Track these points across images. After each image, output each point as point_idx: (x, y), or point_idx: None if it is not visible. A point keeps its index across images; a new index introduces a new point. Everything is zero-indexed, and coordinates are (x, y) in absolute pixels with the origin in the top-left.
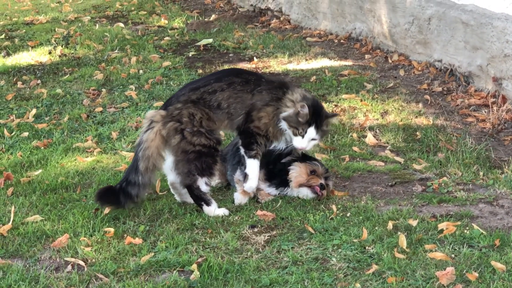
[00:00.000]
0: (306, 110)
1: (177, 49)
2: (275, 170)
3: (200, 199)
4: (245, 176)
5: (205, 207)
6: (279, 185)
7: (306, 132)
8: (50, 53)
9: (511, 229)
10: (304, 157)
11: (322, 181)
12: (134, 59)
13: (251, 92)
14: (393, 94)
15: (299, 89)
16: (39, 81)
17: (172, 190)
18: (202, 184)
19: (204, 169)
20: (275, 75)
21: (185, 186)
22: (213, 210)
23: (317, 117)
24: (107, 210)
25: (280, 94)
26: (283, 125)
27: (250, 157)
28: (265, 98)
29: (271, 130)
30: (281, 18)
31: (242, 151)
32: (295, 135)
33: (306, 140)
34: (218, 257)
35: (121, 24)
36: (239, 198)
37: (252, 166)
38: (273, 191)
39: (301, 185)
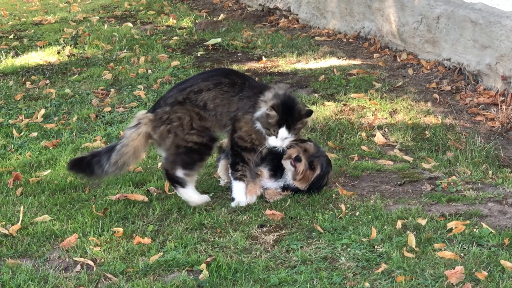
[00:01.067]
0: (273, 112)
1: (185, 49)
2: (279, 164)
3: (175, 181)
4: (233, 199)
5: (180, 189)
6: (280, 175)
7: (277, 133)
8: (58, 53)
9: None
10: (302, 141)
11: (299, 154)
12: (142, 58)
13: (236, 96)
14: (401, 93)
15: (276, 87)
16: (47, 81)
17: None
18: (180, 173)
19: (188, 163)
20: (283, 74)
21: (164, 169)
22: (190, 194)
23: (288, 116)
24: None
25: (255, 98)
26: (258, 125)
27: (235, 179)
28: (245, 106)
29: (254, 137)
30: (290, 18)
31: (229, 171)
32: (269, 135)
33: (280, 140)
34: (227, 257)
35: (130, 24)
36: (247, 198)
37: (238, 188)
38: (278, 185)
39: (285, 159)
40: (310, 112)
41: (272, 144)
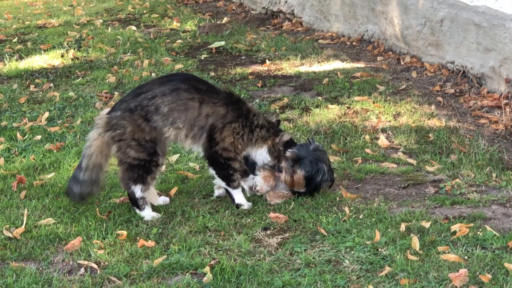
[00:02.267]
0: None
1: (189, 52)
2: None
3: (134, 203)
4: (238, 206)
5: (137, 211)
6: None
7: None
8: (62, 56)
9: None
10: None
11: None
12: (146, 62)
13: (199, 101)
14: (405, 96)
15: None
16: (51, 84)
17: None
18: (138, 190)
19: (137, 178)
20: (287, 77)
21: (123, 188)
22: (146, 214)
23: None
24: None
25: (244, 111)
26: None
27: (234, 188)
28: (225, 113)
29: (240, 147)
30: (293, 21)
31: (223, 184)
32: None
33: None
34: (230, 260)
35: (133, 27)
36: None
37: (239, 195)
38: (280, 184)
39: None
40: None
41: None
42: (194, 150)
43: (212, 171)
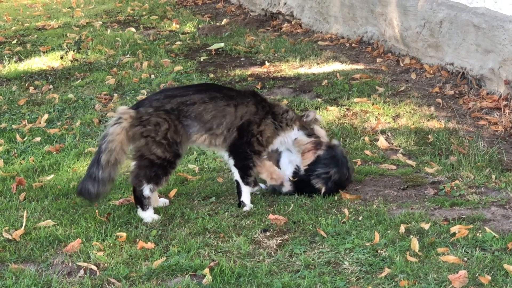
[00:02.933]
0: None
1: (188, 54)
2: None
3: (139, 202)
4: (240, 204)
5: (139, 210)
6: None
7: None
8: (61, 58)
9: None
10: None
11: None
12: (145, 63)
13: (235, 106)
14: (405, 97)
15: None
16: (51, 86)
17: None
18: (147, 189)
19: (152, 177)
20: (286, 79)
21: (131, 184)
22: (147, 215)
23: None
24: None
25: (267, 108)
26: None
27: (247, 184)
28: (258, 111)
29: (270, 141)
30: (293, 22)
31: (237, 175)
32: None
33: None
34: (230, 261)
35: (133, 29)
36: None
37: (247, 194)
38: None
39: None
40: None
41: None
42: (219, 152)
43: (231, 161)
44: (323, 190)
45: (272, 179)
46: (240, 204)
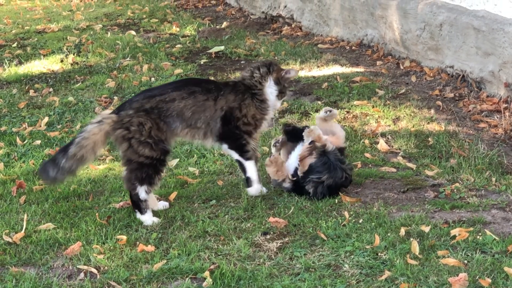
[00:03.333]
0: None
1: (188, 57)
2: None
3: (136, 206)
4: (248, 180)
5: (138, 214)
6: None
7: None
8: (62, 61)
9: None
10: None
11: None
12: (145, 66)
13: (214, 99)
14: (405, 100)
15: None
16: (51, 89)
17: None
18: (142, 191)
19: (144, 178)
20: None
21: (126, 189)
22: (147, 218)
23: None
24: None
25: (242, 87)
26: (273, 92)
27: (247, 159)
28: (235, 97)
29: (258, 117)
30: (293, 25)
31: (235, 155)
32: (280, 98)
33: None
34: (230, 264)
35: (133, 32)
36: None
37: (253, 168)
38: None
39: None
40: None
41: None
42: (211, 145)
43: (224, 145)
44: (311, 193)
45: (276, 174)
46: (248, 180)
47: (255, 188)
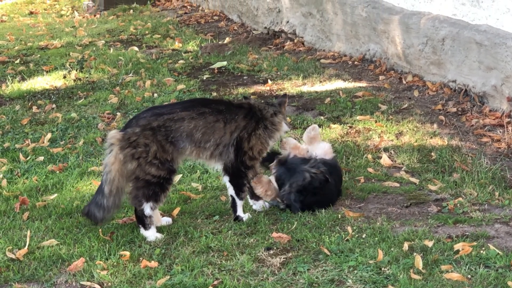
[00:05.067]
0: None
1: (191, 72)
2: None
3: (141, 221)
4: (237, 218)
5: (142, 230)
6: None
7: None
8: (64, 77)
9: None
10: None
11: None
12: (148, 82)
13: (224, 121)
14: (407, 115)
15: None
16: (54, 106)
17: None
18: (147, 208)
19: (150, 196)
20: (289, 97)
21: (131, 205)
22: (150, 234)
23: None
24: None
25: (258, 114)
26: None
27: (241, 199)
28: (247, 124)
29: (264, 150)
30: (295, 40)
31: (232, 191)
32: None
33: None
34: (234, 280)
35: (135, 48)
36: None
37: (241, 207)
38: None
39: None
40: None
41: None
42: (213, 166)
43: (226, 178)
44: (291, 209)
45: (266, 195)
46: (237, 218)
47: (246, 217)
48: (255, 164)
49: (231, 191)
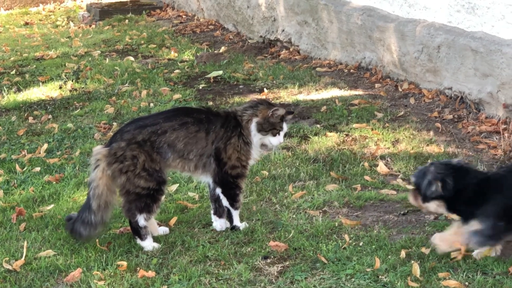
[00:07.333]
0: (281, 110)
1: (187, 82)
2: None
3: (136, 232)
4: (234, 228)
5: (138, 241)
6: None
7: (282, 128)
8: (60, 88)
9: None
10: None
11: None
12: (144, 92)
13: (205, 131)
14: (404, 122)
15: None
16: (50, 116)
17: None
18: (141, 219)
19: (143, 208)
20: (285, 105)
21: (126, 218)
22: (147, 244)
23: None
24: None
25: (233, 122)
26: (257, 135)
27: (236, 209)
28: (223, 134)
29: (244, 158)
30: (291, 49)
31: (226, 202)
32: (274, 135)
33: (282, 135)
34: None
35: (131, 58)
36: None
37: (238, 217)
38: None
39: None
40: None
41: (279, 141)
42: (202, 179)
43: (218, 190)
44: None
45: None
46: (234, 228)
47: (243, 226)
48: (240, 172)
49: (225, 202)
